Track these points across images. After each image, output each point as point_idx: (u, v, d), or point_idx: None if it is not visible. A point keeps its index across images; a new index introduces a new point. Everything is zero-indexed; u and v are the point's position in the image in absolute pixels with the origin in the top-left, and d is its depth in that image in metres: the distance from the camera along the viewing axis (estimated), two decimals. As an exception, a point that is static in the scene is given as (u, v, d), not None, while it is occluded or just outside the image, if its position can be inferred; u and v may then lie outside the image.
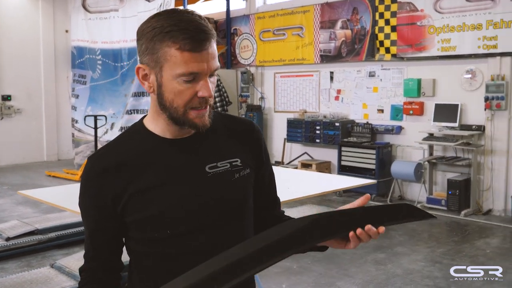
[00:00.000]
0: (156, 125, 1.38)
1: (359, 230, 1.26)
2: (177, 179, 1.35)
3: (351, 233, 1.27)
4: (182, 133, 1.38)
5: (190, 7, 9.29)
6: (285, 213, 1.62)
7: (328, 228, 1.27)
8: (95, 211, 1.37)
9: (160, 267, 1.38)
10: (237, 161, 1.42)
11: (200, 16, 1.29)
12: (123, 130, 9.38)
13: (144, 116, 1.44)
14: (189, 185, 1.35)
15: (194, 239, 1.35)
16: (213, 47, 1.29)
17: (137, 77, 1.36)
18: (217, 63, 1.30)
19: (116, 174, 1.34)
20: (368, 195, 1.38)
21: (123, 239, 1.45)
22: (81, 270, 1.43)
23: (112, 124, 9.93)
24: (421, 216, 1.35)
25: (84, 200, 1.39)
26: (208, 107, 1.31)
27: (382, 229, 1.27)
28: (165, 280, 1.38)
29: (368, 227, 1.26)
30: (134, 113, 9.41)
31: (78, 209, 3.09)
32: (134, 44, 9.50)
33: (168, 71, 1.27)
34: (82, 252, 4.57)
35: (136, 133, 1.41)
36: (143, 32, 1.30)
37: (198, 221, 1.35)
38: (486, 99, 6.74)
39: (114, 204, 1.34)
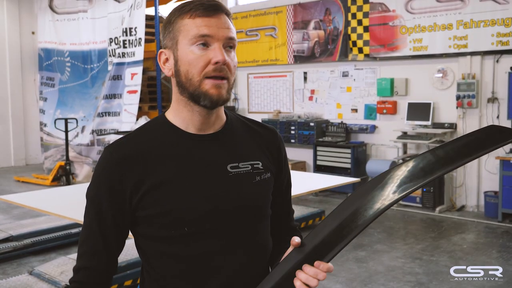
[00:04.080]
0: (179, 118, 1.35)
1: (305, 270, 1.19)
2: (198, 175, 1.31)
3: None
4: (205, 128, 1.35)
5: (162, 7, 9.19)
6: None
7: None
8: (108, 202, 1.30)
9: (175, 268, 1.33)
10: (258, 164, 1.39)
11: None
12: (94, 133, 9.30)
13: (165, 111, 1.41)
14: (210, 182, 1.32)
15: (212, 239, 1.32)
16: (227, 20, 1.30)
17: (160, 64, 1.36)
18: (232, 34, 1.30)
19: (135, 164, 1.29)
20: (297, 240, 1.23)
21: (135, 241, 1.41)
22: (79, 268, 1.33)
23: (83, 127, 9.74)
24: (510, 136, 1.18)
25: (98, 190, 1.31)
26: (226, 80, 1.29)
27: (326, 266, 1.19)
28: (180, 283, 1.35)
29: (318, 263, 1.19)
30: (106, 116, 9.24)
31: (65, 213, 2.99)
32: (104, 45, 9.38)
33: (183, 41, 1.29)
34: (60, 258, 4.43)
35: (157, 125, 1.37)
36: (164, 23, 1.35)
37: (217, 221, 1.31)
38: (458, 97, 6.88)
39: (131, 195, 1.29)
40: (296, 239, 1.23)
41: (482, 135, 1.21)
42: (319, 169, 8.08)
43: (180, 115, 1.35)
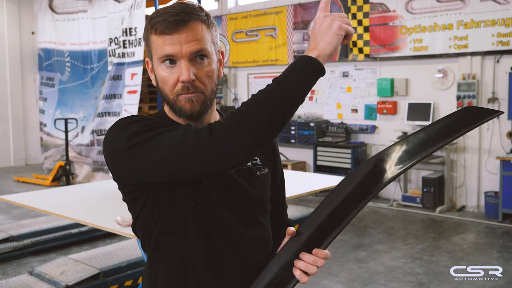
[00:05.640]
0: (177, 117, 1.35)
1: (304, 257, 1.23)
2: None
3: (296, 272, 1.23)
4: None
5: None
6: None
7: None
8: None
9: (182, 256, 1.32)
10: (257, 159, 1.44)
11: (190, 2, 1.29)
12: (94, 133, 9.28)
13: (162, 108, 1.42)
14: (216, 177, 1.33)
15: (221, 228, 1.33)
16: (193, 29, 1.25)
17: (148, 72, 1.36)
18: (198, 46, 1.25)
19: None
20: (292, 229, 1.28)
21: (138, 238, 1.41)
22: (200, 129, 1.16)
23: (83, 127, 9.73)
24: (486, 115, 1.22)
25: (144, 120, 1.25)
26: (199, 93, 1.27)
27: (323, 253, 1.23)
28: (189, 270, 1.32)
29: (316, 251, 1.22)
30: (106, 116, 9.23)
31: (65, 213, 2.96)
32: (104, 45, 9.32)
33: (155, 57, 1.29)
34: (60, 259, 4.39)
35: (160, 119, 1.36)
36: (143, 31, 1.34)
37: (225, 212, 1.33)
38: (458, 97, 6.88)
39: None
40: (291, 228, 1.26)
41: (461, 116, 1.24)
42: (319, 169, 8.08)
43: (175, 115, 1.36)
